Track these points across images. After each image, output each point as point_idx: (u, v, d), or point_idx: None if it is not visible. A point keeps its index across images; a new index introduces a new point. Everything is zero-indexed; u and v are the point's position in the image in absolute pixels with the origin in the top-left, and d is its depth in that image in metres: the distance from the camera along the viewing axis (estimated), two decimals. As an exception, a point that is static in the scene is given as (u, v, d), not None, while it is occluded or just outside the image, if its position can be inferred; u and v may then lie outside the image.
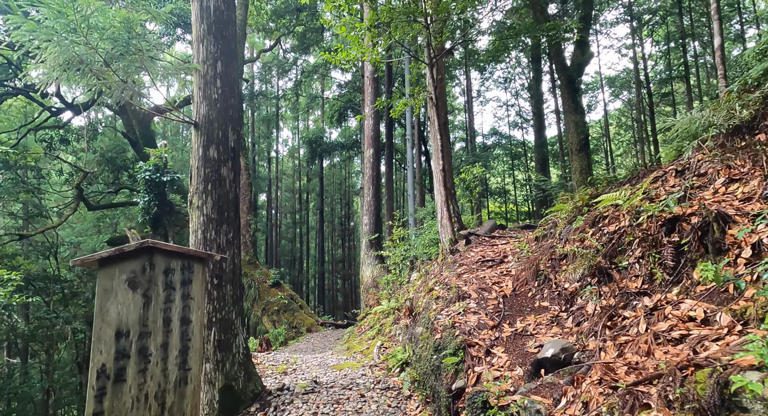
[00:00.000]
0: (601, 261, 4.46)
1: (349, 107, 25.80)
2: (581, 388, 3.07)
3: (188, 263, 2.43)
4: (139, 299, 2.34)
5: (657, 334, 3.13)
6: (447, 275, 6.75)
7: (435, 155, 9.76)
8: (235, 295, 5.72)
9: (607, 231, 4.73)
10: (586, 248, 4.72)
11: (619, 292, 4.03)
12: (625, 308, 3.78)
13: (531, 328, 4.48)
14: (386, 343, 7.83)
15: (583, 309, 4.29)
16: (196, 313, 2.36)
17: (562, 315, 4.52)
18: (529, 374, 3.66)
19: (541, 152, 22.52)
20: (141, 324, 2.30)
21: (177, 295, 2.41)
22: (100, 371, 2.20)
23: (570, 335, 4.11)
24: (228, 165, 5.78)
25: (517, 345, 4.28)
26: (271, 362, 7.40)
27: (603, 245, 4.58)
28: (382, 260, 13.81)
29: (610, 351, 3.34)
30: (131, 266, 2.34)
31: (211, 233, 5.60)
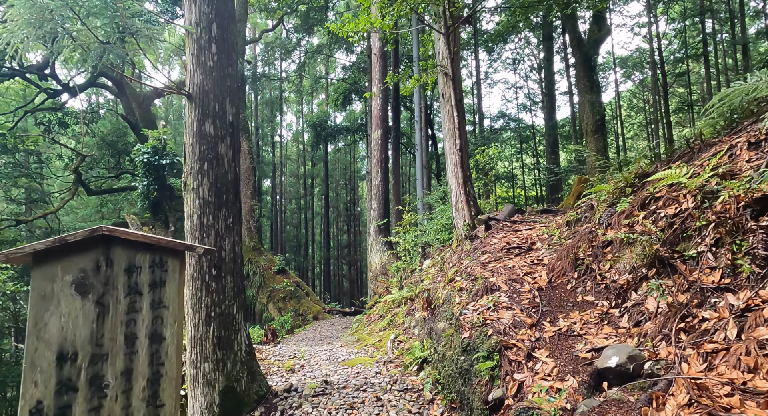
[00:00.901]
0: (660, 250, 3.77)
1: (354, 89, 24.94)
2: (665, 412, 2.41)
3: (160, 259, 1.77)
4: (90, 308, 1.68)
5: (762, 343, 2.46)
6: (469, 264, 6.09)
7: (450, 135, 9.04)
8: (236, 287, 5.09)
9: (664, 215, 4.03)
10: (639, 235, 4.03)
11: (688, 287, 3.35)
12: (701, 308, 3.10)
13: (577, 327, 3.82)
14: (400, 336, 7.22)
15: (641, 306, 3.62)
16: (172, 327, 1.71)
17: (613, 312, 3.85)
18: (588, 387, 3.01)
19: (552, 134, 21.67)
20: (94, 343, 1.64)
21: (144, 302, 1.75)
22: (33, 411, 1.56)
23: (627, 337, 3.44)
24: (226, 142, 5.10)
25: (563, 347, 3.62)
26: (277, 357, 6.82)
27: (662, 230, 3.89)
28: (391, 247, 13.18)
29: (694, 363, 2.67)
30: (80, 263, 1.68)
31: (208, 219, 4.95)
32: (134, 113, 17.44)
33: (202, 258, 4.89)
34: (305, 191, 32.87)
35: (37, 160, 18.59)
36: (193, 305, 4.91)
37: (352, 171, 34.75)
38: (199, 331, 4.86)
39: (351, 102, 27.22)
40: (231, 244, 5.08)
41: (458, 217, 9.08)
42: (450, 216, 10.70)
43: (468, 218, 7.95)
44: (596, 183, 10.06)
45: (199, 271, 4.89)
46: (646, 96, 28.03)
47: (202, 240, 4.91)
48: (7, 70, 16.01)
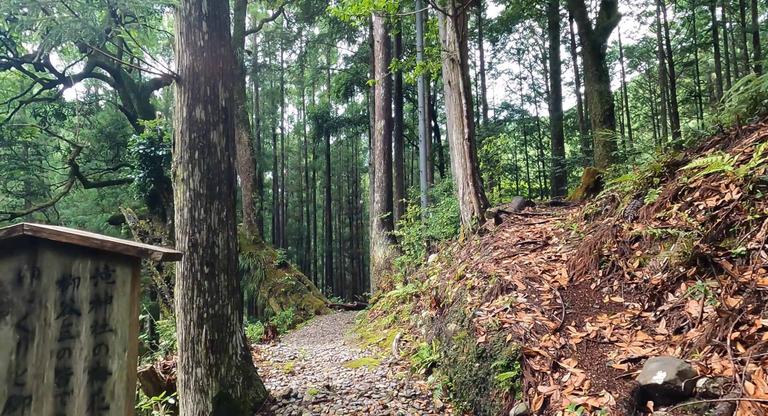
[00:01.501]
0: (701, 246, 3.35)
1: (356, 81, 24.44)
2: (734, 443, 2.00)
3: (105, 267, 1.35)
4: (8, 334, 1.27)
5: None
6: (480, 260, 5.68)
7: (457, 124, 8.59)
8: (231, 286, 4.69)
9: (704, 207, 3.60)
10: (675, 229, 3.60)
11: (739, 289, 2.93)
12: (758, 314, 2.68)
13: (607, 333, 3.41)
14: (406, 335, 6.83)
15: (680, 310, 3.20)
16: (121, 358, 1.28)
17: (647, 316, 3.44)
18: (629, 405, 2.60)
19: (557, 125, 21.15)
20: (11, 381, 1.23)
21: (83, 325, 1.32)
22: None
23: (668, 346, 3.03)
24: (219, 129, 4.67)
25: (593, 356, 3.21)
26: (277, 357, 6.44)
27: (702, 224, 3.47)
28: (395, 240, 12.79)
29: (760, 382, 2.26)
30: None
31: (200, 212, 4.53)
32: (132, 104, 16.99)
33: (193, 255, 4.48)
34: (307, 183, 32.45)
35: (35, 152, 18.17)
36: (183, 306, 4.51)
37: (355, 163, 34.29)
38: (190, 334, 4.46)
39: (353, 93, 26.71)
40: (225, 239, 4.67)
41: (465, 210, 8.66)
42: (456, 209, 10.28)
43: (477, 211, 7.52)
44: (608, 175, 9.63)
45: (190, 269, 4.48)
46: (652, 86, 27.43)
47: (193, 235, 4.50)
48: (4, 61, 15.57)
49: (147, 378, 5.36)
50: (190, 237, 4.53)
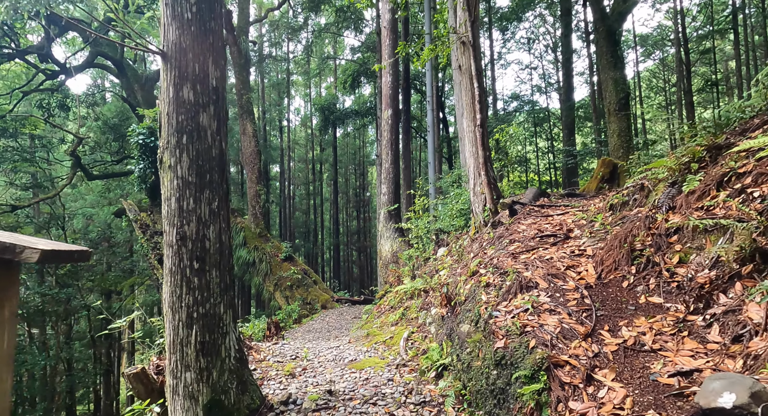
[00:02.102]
0: (759, 239, 2.86)
1: (363, 72, 23.89)
2: None
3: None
4: None
5: None
6: (494, 254, 5.21)
7: (468, 110, 8.08)
8: (223, 283, 4.27)
9: (759, 194, 3.11)
10: (725, 220, 3.11)
11: (813, 291, 2.44)
12: (844, 322, 2.19)
13: (647, 339, 2.94)
14: (414, 334, 6.40)
15: (737, 314, 2.72)
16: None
17: (694, 320, 2.96)
18: (687, 433, 2.14)
19: (569, 115, 20.48)
20: None
21: None
22: None
23: (725, 356, 2.55)
24: (209, 111, 4.22)
25: (633, 367, 2.75)
26: (277, 357, 6.04)
27: (760, 214, 2.97)
28: (403, 233, 12.34)
29: None
30: None
31: (188, 202, 4.11)
32: (136, 95, 16.63)
33: (181, 249, 4.07)
34: (314, 176, 32.06)
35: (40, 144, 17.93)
36: (171, 305, 4.10)
37: (362, 156, 33.81)
38: (179, 335, 4.06)
39: (360, 85, 26.20)
40: (216, 232, 4.24)
41: (476, 201, 8.19)
42: (466, 201, 9.81)
43: (489, 202, 7.04)
44: (633, 162, 9.06)
45: (178, 264, 4.07)
46: (666, 76, 26.58)
47: (182, 228, 4.08)
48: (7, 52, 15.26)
49: (138, 380, 4.98)
50: (178, 230, 4.12)
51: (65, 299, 14.27)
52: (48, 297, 14.00)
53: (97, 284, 18.49)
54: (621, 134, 15.25)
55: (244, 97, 16.14)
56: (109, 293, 21.54)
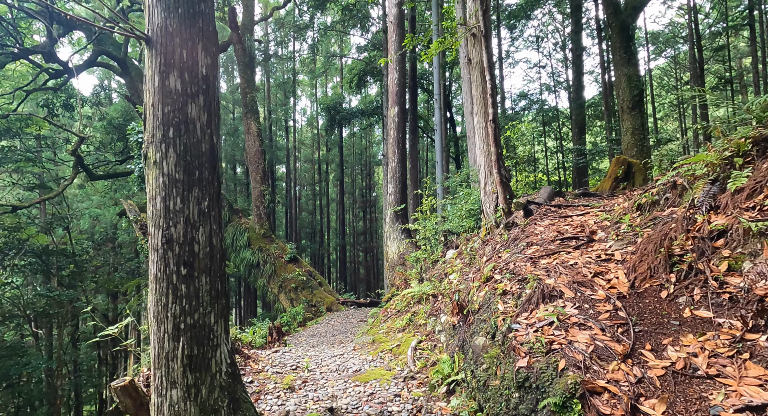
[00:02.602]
0: (834, 246, 2.39)
1: (369, 71, 23.49)
2: None
3: None
4: None
5: None
6: (510, 258, 4.77)
7: (479, 105, 7.64)
8: (214, 290, 3.87)
9: (829, 193, 2.64)
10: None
11: None
12: None
13: (701, 362, 2.49)
14: (423, 343, 5.97)
15: (812, 335, 2.26)
16: None
17: (755, 339, 2.51)
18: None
19: (580, 113, 19.95)
20: None
21: None
22: None
23: (802, 387, 2.10)
24: (198, 101, 3.83)
25: (686, 397, 2.30)
26: (277, 367, 5.63)
27: (833, 216, 2.51)
28: (410, 235, 11.91)
29: None
30: None
31: (175, 201, 3.71)
32: (140, 95, 16.35)
33: (167, 253, 3.67)
34: (320, 176, 31.70)
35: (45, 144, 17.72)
36: (156, 315, 3.71)
37: (368, 156, 33.40)
38: (164, 348, 3.66)
39: (366, 84, 25.79)
40: (207, 234, 3.84)
41: (488, 201, 7.76)
42: (476, 200, 9.37)
43: (502, 202, 6.59)
44: (659, 159, 8.55)
45: (164, 270, 3.68)
46: (678, 74, 25.93)
47: (168, 230, 3.69)
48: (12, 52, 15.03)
49: (126, 393, 4.60)
50: (164, 232, 3.73)
51: (68, 301, 13.96)
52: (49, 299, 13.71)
53: (101, 285, 18.22)
54: (635, 132, 14.74)
55: (249, 95, 15.79)
56: (115, 294, 21.31)
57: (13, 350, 14.66)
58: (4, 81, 19.60)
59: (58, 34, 15.87)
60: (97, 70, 25.01)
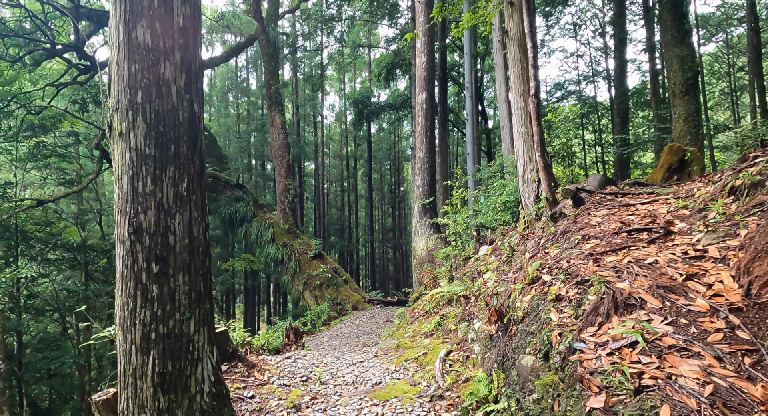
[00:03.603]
0: None
1: (397, 64, 22.60)
2: None
3: None
4: None
5: None
6: (561, 254, 3.82)
7: (517, 82, 6.67)
8: (195, 292, 3.11)
9: None
10: None
11: None
12: None
13: None
14: (453, 352, 5.08)
15: None
16: None
17: None
18: None
19: (623, 101, 18.44)
20: None
21: None
22: None
23: None
24: (173, 59, 3.07)
25: None
26: (285, 378, 4.86)
27: None
28: (439, 230, 10.99)
29: None
30: None
31: (145, 182, 2.97)
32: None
33: (135, 246, 2.94)
34: (348, 172, 31.06)
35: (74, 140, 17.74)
36: (122, 322, 2.99)
37: (397, 151, 32.53)
38: (131, 363, 2.94)
39: (395, 78, 24.93)
40: (185, 223, 3.09)
41: (527, 191, 6.77)
42: (512, 191, 8.38)
43: (546, 190, 5.61)
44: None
45: (131, 267, 2.95)
46: (730, 59, 23.81)
47: (136, 217, 2.95)
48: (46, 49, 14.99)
49: (108, 407, 3.93)
50: (131, 220, 3.01)
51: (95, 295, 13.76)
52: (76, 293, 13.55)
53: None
54: (688, 119, 13.28)
55: (273, 87, 15.20)
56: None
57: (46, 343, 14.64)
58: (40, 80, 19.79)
59: (89, 31, 15.77)
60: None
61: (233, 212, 15.20)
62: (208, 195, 15.76)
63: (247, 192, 15.87)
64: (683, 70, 12.93)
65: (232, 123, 27.18)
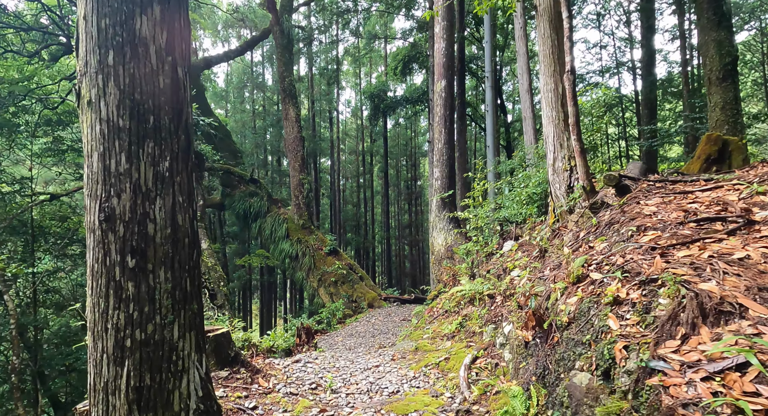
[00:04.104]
0: None
1: (414, 58, 21.98)
2: None
3: None
4: None
5: None
6: (612, 249, 3.21)
7: (547, 61, 6.05)
8: (180, 290, 2.60)
9: None
10: None
11: None
12: None
13: None
14: (480, 359, 4.50)
15: None
16: None
17: None
18: None
19: (651, 91, 17.49)
20: None
21: None
22: None
23: None
24: (152, 13, 2.55)
25: None
26: (292, 385, 4.36)
27: None
28: (459, 224, 10.38)
29: None
30: None
31: (119, 160, 2.47)
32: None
33: (107, 236, 2.45)
34: (364, 168, 30.54)
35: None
36: (93, 326, 2.51)
37: (413, 147, 31.89)
38: (102, 375, 2.45)
39: (411, 72, 24.32)
40: (167, 209, 2.58)
41: (558, 180, 6.14)
42: (538, 183, 7.73)
43: (583, 177, 4.97)
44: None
45: (102, 261, 2.45)
46: (764, 48, 22.51)
47: (108, 201, 2.46)
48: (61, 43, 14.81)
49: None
50: (102, 205, 2.52)
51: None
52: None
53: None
54: (726, 107, 12.34)
55: (287, 79, 14.73)
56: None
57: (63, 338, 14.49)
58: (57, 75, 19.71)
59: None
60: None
61: (247, 207, 14.82)
62: (223, 190, 15.42)
63: (261, 187, 15.48)
64: (720, 56, 12.01)
65: (248, 119, 26.90)
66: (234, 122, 26.32)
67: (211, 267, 9.29)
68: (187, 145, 2.75)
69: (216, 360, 4.27)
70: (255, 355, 5.36)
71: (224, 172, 14.61)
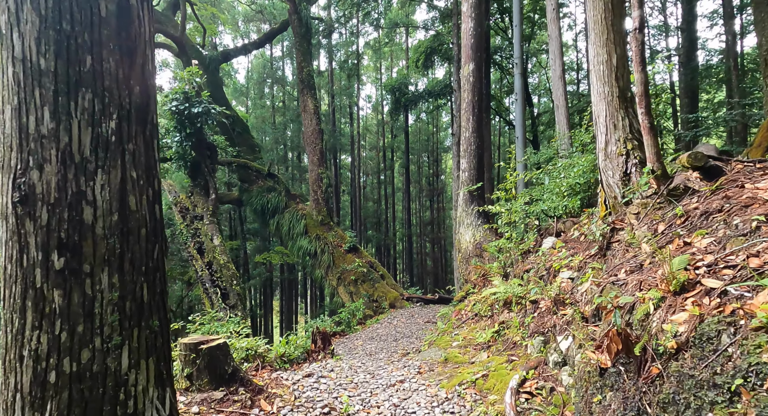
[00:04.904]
0: None
1: (436, 50, 21.02)
2: None
3: None
4: None
5: None
6: (726, 245, 2.29)
7: (597, 29, 5.12)
8: (133, 301, 1.83)
9: None
10: None
11: None
12: None
13: None
14: (530, 381, 3.63)
15: None
16: None
17: None
18: None
19: (692, 78, 16.13)
20: None
21: None
22: None
23: None
24: None
25: None
26: (300, 409, 3.56)
27: None
28: (488, 219, 9.45)
29: None
30: None
31: (40, 116, 1.70)
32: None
33: (24, 225, 1.70)
34: (385, 164, 29.71)
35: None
36: (5, 352, 1.76)
37: (435, 142, 30.88)
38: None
39: (433, 65, 23.33)
40: (114, 188, 1.81)
41: (610, 167, 5.22)
42: (582, 172, 6.78)
43: (653, 159, 4.03)
44: None
45: (18, 260, 1.71)
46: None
47: (25, 175, 1.71)
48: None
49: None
50: (17, 180, 1.77)
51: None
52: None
53: (167, 272, 17.51)
54: (785, 89, 11.00)
55: (305, 70, 14.02)
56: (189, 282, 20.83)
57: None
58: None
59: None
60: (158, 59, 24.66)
61: (265, 202, 14.18)
62: (241, 185, 14.82)
63: (279, 182, 14.83)
64: (778, 33, 10.74)
65: (268, 114, 26.38)
66: (254, 118, 25.86)
67: (224, 265, 8.67)
68: (146, 102, 1.98)
69: (210, 377, 3.53)
70: (261, 367, 4.61)
71: (241, 166, 14.00)
